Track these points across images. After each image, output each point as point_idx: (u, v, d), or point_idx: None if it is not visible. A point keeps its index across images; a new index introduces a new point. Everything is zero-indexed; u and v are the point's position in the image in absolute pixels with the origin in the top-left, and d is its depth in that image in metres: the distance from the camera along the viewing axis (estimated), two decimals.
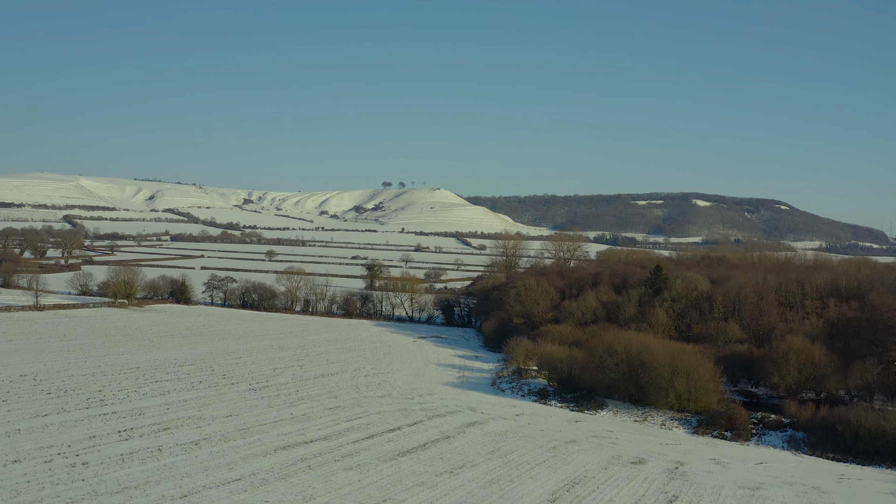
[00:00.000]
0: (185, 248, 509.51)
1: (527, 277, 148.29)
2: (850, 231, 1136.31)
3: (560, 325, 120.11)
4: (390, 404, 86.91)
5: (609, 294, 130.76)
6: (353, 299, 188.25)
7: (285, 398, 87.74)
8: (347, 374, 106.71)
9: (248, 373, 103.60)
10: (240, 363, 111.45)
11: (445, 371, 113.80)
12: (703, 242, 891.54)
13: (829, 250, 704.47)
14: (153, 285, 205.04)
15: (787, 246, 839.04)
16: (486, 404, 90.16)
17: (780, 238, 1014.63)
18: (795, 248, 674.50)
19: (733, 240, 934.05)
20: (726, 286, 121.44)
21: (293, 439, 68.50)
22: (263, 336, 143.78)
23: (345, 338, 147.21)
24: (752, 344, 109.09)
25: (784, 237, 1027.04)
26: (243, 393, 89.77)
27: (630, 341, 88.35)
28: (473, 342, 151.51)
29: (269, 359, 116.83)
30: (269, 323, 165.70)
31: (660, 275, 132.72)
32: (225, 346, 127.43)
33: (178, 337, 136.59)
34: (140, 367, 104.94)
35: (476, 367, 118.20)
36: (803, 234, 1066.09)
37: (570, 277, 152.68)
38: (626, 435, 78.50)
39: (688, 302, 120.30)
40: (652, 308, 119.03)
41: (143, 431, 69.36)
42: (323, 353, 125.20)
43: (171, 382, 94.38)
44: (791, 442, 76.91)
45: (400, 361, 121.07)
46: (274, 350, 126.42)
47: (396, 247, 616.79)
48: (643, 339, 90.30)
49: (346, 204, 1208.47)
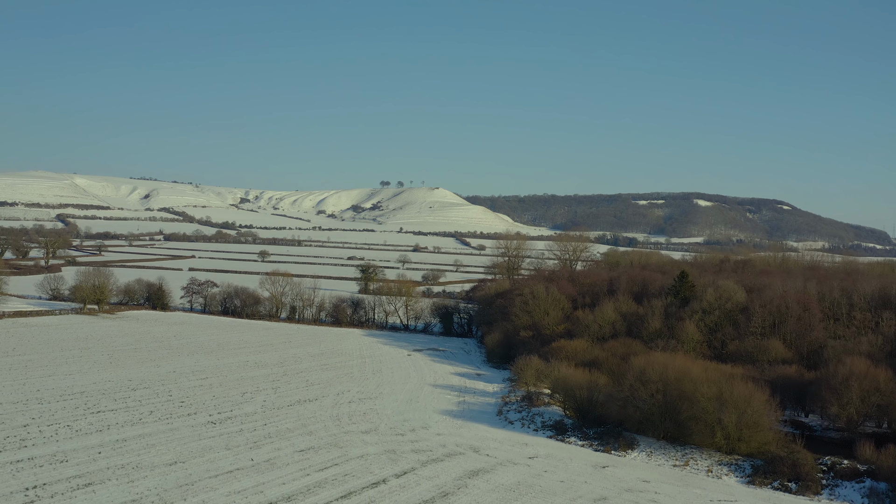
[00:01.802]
0: (177, 248, 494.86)
1: (534, 284, 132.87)
2: (853, 231, 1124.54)
3: (575, 341, 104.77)
4: (376, 443, 71.64)
5: (629, 304, 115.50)
6: (342, 306, 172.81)
7: (249, 435, 72.42)
8: (329, 399, 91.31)
9: (211, 398, 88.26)
10: (204, 385, 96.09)
11: (443, 394, 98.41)
12: (704, 243, 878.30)
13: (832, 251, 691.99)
14: (128, 290, 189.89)
15: (790, 247, 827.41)
16: (492, 442, 74.85)
17: (782, 238, 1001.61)
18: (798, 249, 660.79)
19: (735, 240, 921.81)
20: (764, 296, 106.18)
21: (247, 501, 53.23)
22: (239, 349, 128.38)
23: (331, 351, 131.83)
24: (801, 365, 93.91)
25: (786, 237, 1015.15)
26: (199, 428, 74.45)
27: (666, 367, 73.09)
28: (475, 356, 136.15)
29: (241, 379, 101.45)
30: (248, 333, 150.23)
31: (685, 282, 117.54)
32: (193, 363, 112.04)
33: (143, 351, 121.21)
34: (86, 391, 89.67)
35: (478, 390, 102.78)
36: (806, 235, 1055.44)
37: (582, 284, 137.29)
38: (667, 487, 63.19)
39: (721, 314, 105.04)
40: (680, 321, 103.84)
41: (56, 489, 54.08)
42: (304, 372, 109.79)
43: (116, 413, 79.06)
44: (873, 497, 61.68)
45: (391, 381, 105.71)
46: (248, 367, 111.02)
47: (394, 247, 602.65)
48: (682, 363, 75.03)
49: (343, 203, 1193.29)
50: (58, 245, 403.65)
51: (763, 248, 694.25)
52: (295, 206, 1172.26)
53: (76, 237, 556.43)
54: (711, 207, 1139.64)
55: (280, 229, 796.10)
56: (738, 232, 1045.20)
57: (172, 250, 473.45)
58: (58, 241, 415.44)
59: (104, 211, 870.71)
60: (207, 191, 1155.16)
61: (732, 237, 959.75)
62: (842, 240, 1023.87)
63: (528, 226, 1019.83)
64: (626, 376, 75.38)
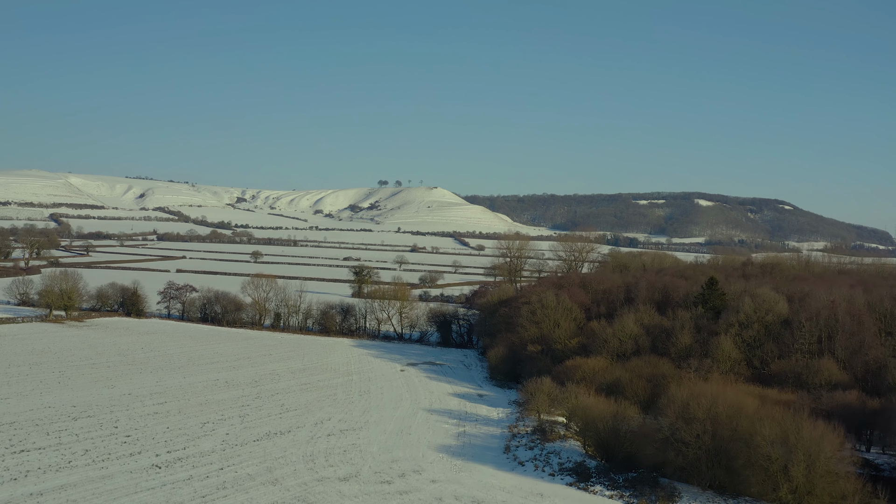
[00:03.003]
0: (169, 248, 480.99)
1: (543, 291, 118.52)
2: (855, 232, 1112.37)
3: (592, 359, 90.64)
4: (356, 496, 57.61)
5: (651, 315, 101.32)
6: (331, 313, 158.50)
7: (198, 486, 58.40)
8: (304, 431, 77.22)
9: (164, 431, 74.21)
10: (160, 413, 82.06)
11: (440, 423, 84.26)
12: (706, 243, 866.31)
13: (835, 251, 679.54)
14: (101, 294, 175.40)
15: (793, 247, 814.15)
16: (500, 492, 60.74)
17: (783, 239, 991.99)
18: (801, 249, 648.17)
19: (737, 240, 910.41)
20: (809, 306, 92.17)
21: None
22: (211, 364, 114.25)
23: (314, 366, 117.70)
24: (858, 388, 79.97)
25: (788, 238, 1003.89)
26: (139, 474, 60.44)
27: (715, 400, 59.07)
28: (476, 371, 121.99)
29: (205, 404, 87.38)
30: (225, 344, 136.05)
31: (715, 290, 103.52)
32: (153, 383, 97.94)
33: (100, 367, 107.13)
34: (18, 420, 75.79)
35: (481, 416, 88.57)
36: (807, 235, 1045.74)
37: (595, 291, 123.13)
38: None
39: (761, 328, 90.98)
40: (714, 336, 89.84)
41: None
42: (280, 393, 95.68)
43: (44, 453, 65.08)
44: None
45: (380, 406, 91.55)
46: (216, 388, 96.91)
47: (392, 247, 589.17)
48: (734, 396, 60.95)
49: (341, 203, 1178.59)
50: (43, 245, 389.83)
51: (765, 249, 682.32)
52: (292, 206, 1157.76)
53: (67, 237, 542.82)
54: (712, 207, 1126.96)
55: (276, 229, 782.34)
56: (740, 232, 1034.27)
57: (164, 250, 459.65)
58: (42, 241, 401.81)
59: (98, 210, 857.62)
60: (204, 190, 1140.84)
61: (734, 237, 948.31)
62: (844, 240, 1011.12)
63: (527, 226, 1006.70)
64: (666, 412, 61.35)
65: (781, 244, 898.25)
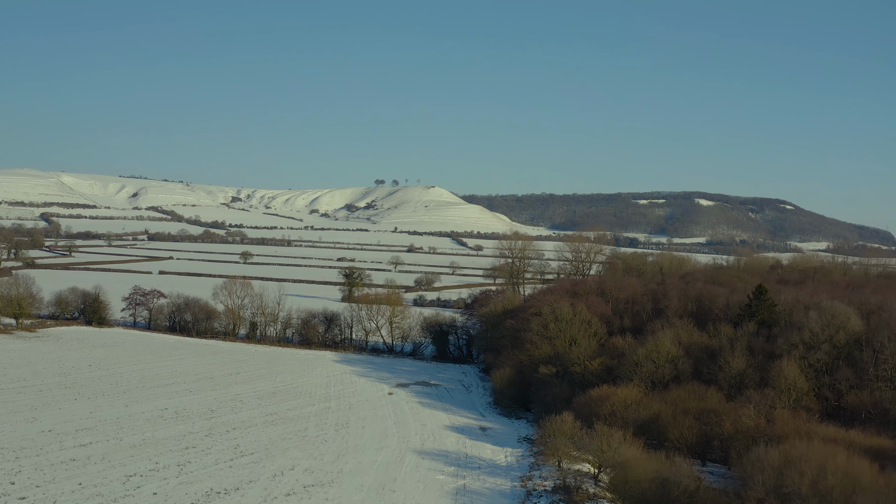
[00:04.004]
0: (158, 249, 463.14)
1: (555, 300, 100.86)
2: (857, 232, 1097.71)
3: (622, 388, 73.11)
4: None
5: (690, 331, 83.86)
6: (313, 322, 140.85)
7: None
8: (256, 489, 59.64)
9: (72, 491, 56.67)
10: (79, 459, 64.51)
11: (433, 472, 66.64)
12: (707, 243, 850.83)
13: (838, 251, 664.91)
14: (60, 300, 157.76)
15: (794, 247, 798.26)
16: None
17: (785, 239, 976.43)
18: (803, 250, 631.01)
19: (738, 240, 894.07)
20: (889, 321, 74.83)
21: None
22: (164, 387, 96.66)
23: (287, 388, 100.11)
24: None
25: (790, 238, 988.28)
26: None
27: (824, 466, 41.78)
28: (477, 394, 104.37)
29: (140, 445, 69.83)
30: (189, 360, 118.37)
31: (764, 300, 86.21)
32: (86, 414, 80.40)
33: (30, 392, 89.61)
34: None
35: (485, 461, 70.88)
36: (809, 235, 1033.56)
37: (615, 299, 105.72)
38: None
39: (831, 349, 73.65)
40: (772, 360, 72.53)
41: None
42: (238, 428, 78.18)
43: None
44: None
45: (359, 447, 73.99)
46: (161, 422, 79.29)
47: (388, 247, 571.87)
48: (846, 462, 43.67)
49: (337, 202, 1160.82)
50: (24, 245, 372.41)
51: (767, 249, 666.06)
52: (287, 206, 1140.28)
53: (54, 237, 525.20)
54: (713, 207, 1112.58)
55: (271, 229, 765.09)
56: (741, 232, 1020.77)
57: (152, 251, 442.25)
58: (23, 240, 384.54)
59: (90, 210, 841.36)
60: (198, 189, 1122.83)
61: (735, 237, 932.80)
62: (846, 240, 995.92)
63: (526, 225, 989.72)
64: (752, 483, 43.92)
65: (783, 244, 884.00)
